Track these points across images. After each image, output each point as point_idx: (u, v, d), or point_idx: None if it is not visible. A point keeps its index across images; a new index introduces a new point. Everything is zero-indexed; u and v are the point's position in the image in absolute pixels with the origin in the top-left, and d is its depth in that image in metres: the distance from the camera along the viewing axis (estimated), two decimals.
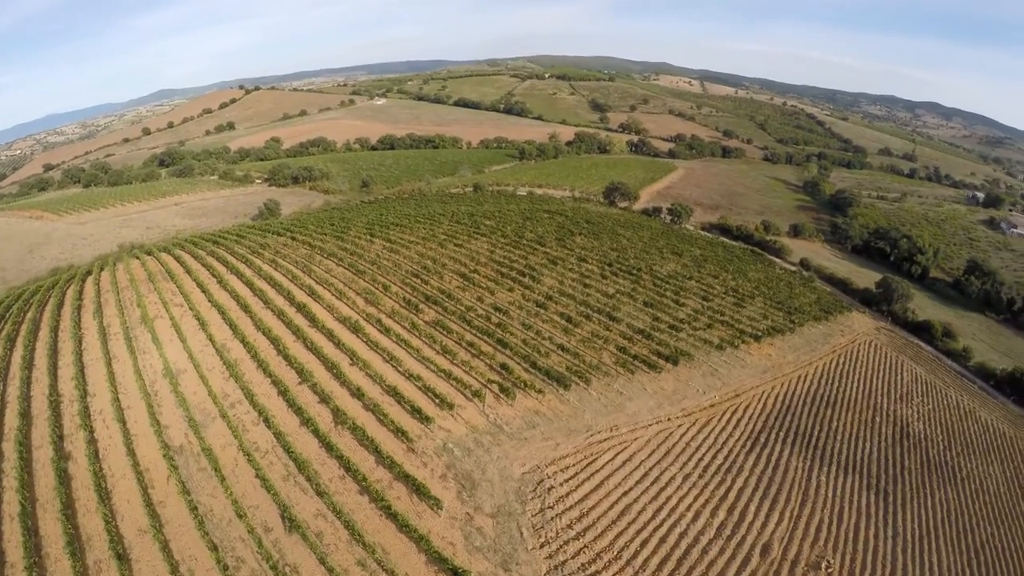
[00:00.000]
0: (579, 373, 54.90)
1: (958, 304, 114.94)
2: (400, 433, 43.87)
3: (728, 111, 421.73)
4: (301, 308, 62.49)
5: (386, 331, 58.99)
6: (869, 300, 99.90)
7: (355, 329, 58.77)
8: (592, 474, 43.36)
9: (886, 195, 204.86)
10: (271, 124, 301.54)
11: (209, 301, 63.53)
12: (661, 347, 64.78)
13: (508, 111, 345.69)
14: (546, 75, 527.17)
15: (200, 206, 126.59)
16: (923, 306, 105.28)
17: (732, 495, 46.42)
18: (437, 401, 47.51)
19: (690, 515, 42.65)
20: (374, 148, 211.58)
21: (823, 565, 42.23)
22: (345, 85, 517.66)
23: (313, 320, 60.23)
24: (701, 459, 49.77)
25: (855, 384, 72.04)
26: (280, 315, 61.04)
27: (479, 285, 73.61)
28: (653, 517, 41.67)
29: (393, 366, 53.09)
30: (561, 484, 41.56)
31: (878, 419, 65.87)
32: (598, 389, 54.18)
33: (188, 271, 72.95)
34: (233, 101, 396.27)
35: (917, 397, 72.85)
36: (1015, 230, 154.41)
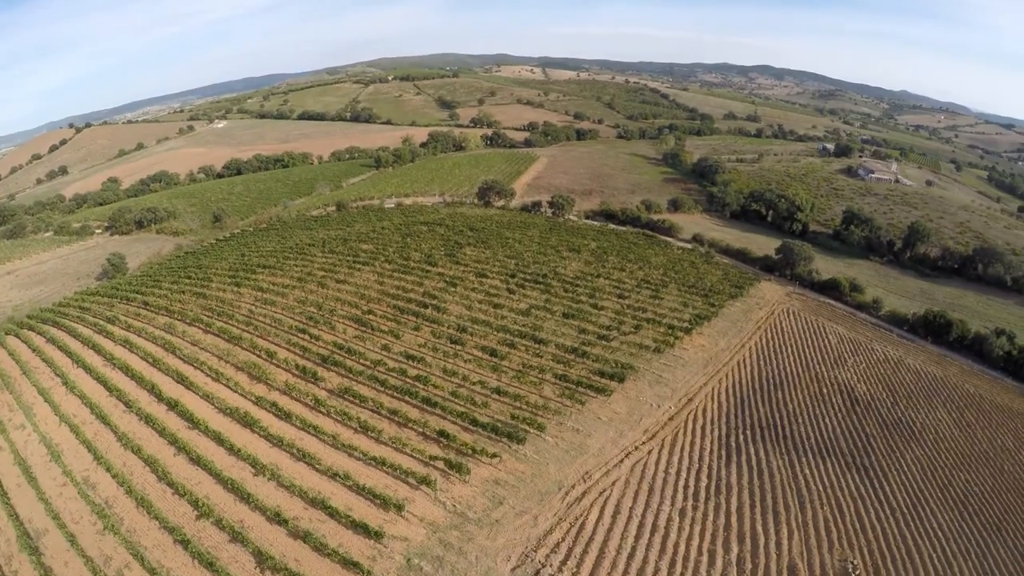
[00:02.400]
0: (527, 419, 50.52)
1: (843, 254, 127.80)
2: (349, 564, 36.15)
3: (575, 94, 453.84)
4: (173, 405, 52.77)
5: (286, 416, 50.81)
6: (771, 266, 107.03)
7: (247, 422, 49.96)
8: (587, 545, 39.01)
9: (744, 157, 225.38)
10: (107, 163, 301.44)
11: (56, 415, 53.19)
12: (601, 364, 62.95)
13: (355, 119, 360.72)
14: (389, 78, 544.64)
15: (36, 271, 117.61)
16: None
17: (734, 520, 44.79)
18: (379, 503, 40.35)
19: (705, 559, 40.04)
20: (220, 175, 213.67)
21: (849, 568, 41.80)
22: (182, 111, 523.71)
23: (192, 420, 50.73)
24: (687, 486, 47.70)
25: (791, 358, 75.52)
26: (149, 421, 51.10)
27: (379, 329, 67.80)
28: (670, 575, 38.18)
29: (308, 465, 45.19)
30: (559, 570, 36.49)
31: (825, 390, 69.20)
32: (553, 433, 50.17)
33: (25, 371, 61.89)
34: (64, 142, 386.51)
35: (849, 358, 78.11)
36: (873, 175, 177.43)
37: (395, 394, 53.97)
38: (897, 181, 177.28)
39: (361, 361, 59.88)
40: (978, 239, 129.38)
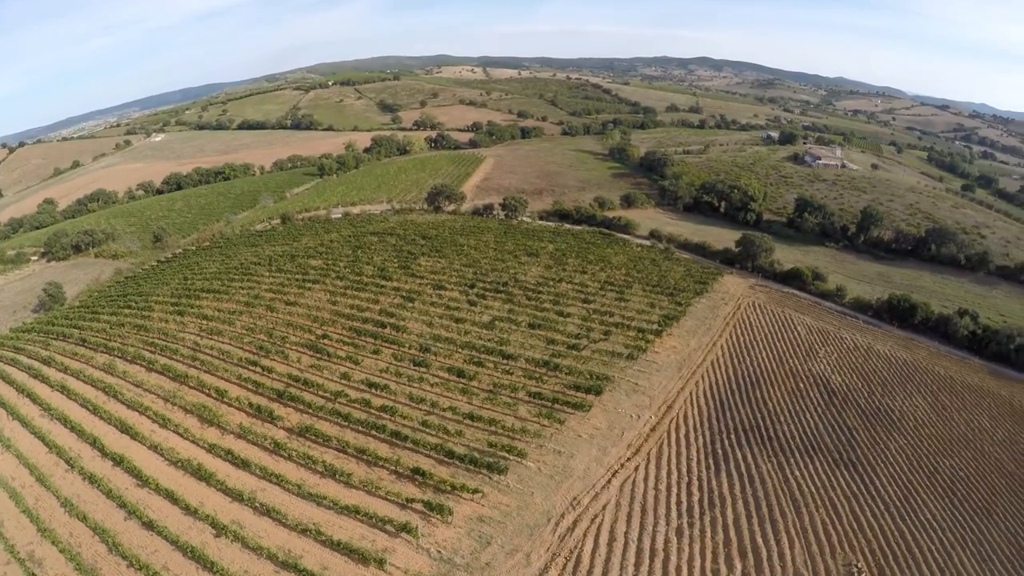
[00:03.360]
0: (506, 446, 48.46)
1: (798, 241, 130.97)
2: None
3: (517, 93, 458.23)
4: (119, 461, 48.48)
5: (244, 464, 47.20)
6: (732, 259, 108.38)
7: (201, 475, 46.20)
8: None
9: (690, 149, 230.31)
10: (42, 183, 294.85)
11: None
12: (575, 377, 61.68)
13: (297, 126, 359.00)
14: (330, 83, 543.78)
15: None
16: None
17: (732, 534, 43.98)
18: (357, 558, 37.49)
19: None
20: (160, 191, 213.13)
21: (854, 572, 41.65)
22: (119, 125, 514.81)
23: (141, 477, 46.55)
24: (679, 502, 46.66)
25: (763, 354, 76.09)
26: (94, 481, 46.68)
27: (336, 356, 64.91)
28: None
29: (274, 520, 41.79)
30: None
31: (801, 384, 69.81)
32: (535, 458, 48.29)
33: None
34: None
35: (820, 349, 79.25)
36: (820, 161, 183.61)
37: (361, 429, 50.98)
38: (844, 166, 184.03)
39: (320, 393, 56.63)
40: (928, 220, 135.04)
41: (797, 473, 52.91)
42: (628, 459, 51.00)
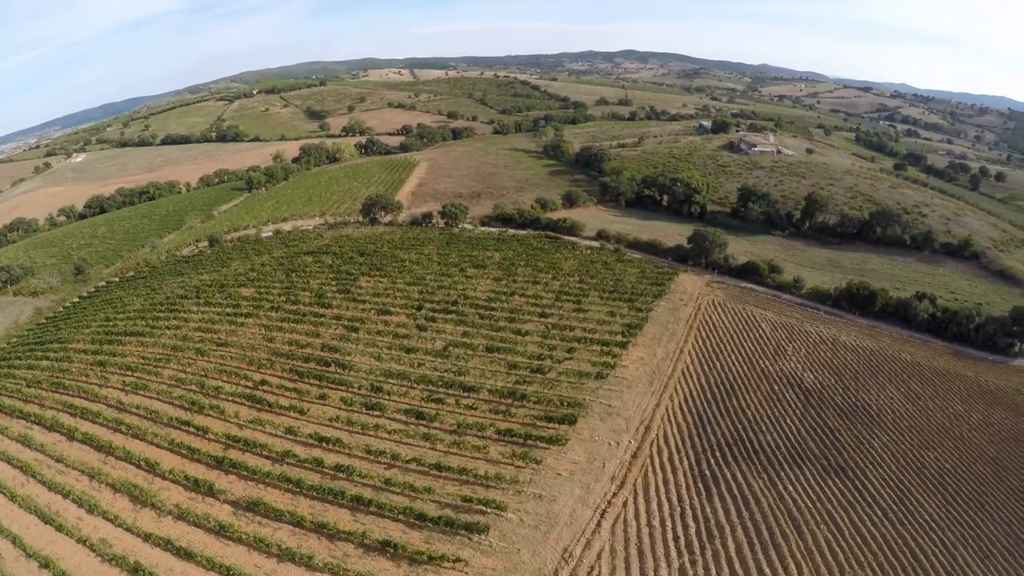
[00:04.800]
0: (482, 499, 44.96)
1: (744, 231, 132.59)
2: None
3: (446, 93, 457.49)
4: (46, 564, 42.54)
5: (187, 555, 42.01)
6: (684, 256, 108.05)
7: (140, 574, 40.00)
8: None
9: (624, 142, 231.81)
10: None
11: None
12: (545, 406, 59.01)
13: (222, 138, 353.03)
14: (254, 92, 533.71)
15: None
16: None
17: (737, 567, 42.39)
18: None
19: None
20: (83, 215, 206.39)
21: None
22: (39, 147, 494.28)
23: None
24: (677, 538, 44.43)
25: (732, 357, 75.54)
26: None
27: (278, 406, 59.71)
28: None
29: None
30: None
31: (776, 387, 69.38)
32: (515, 507, 44.88)
33: None
34: None
35: (788, 345, 79.32)
36: (755, 148, 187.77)
37: (316, 496, 46.12)
38: (779, 152, 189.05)
39: (265, 455, 51.44)
40: (870, 202, 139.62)
41: (790, 487, 51.66)
42: (614, 494, 48.34)
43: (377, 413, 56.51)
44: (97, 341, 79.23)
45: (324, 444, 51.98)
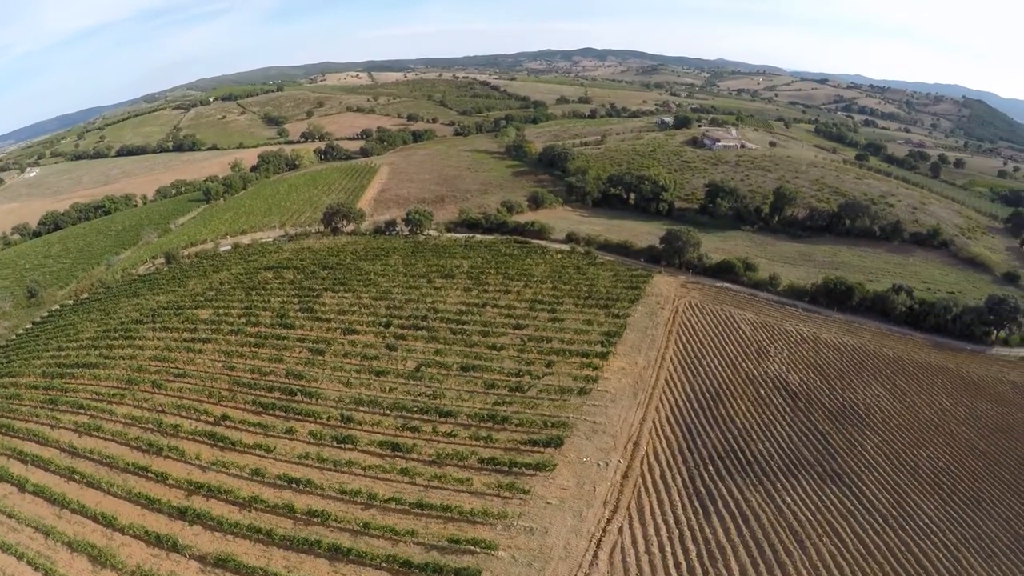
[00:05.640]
0: (471, 539, 42.51)
1: (713, 228, 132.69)
2: None
3: (405, 95, 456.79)
4: None
5: None
6: (657, 257, 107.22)
7: None
8: None
9: (587, 140, 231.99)
10: None
11: None
12: (528, 429, 57.04)
13: (179, 148, 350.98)
14: (211, 99, 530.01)
15: None
16: None
17: None
18: None
19: None
20: (37, 233, 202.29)
21: None
22: None
23: None
24: (678, 564, 42.94)
25: (715, 362, 74.70)
26: None
27: (242, 444, 56.20)
28: None
29: None
30: None
31: (762, 391, 68.55)
32: (506, 545, 42.61)
33: None
34: None
35: (769, 346, 78.78)
36: (719, 143, 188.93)
37: (290, 546, 42.90)
38: (743, 146, 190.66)
39: (231, 500, 47.95)
40: (837, 194, 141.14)
41: (788, 499, 50.48)
42: (608, 520, 46.39)
43: (349, 447, 53.48)
44: (48, 375, 74.96)
45: (294, 485, 48.78)
